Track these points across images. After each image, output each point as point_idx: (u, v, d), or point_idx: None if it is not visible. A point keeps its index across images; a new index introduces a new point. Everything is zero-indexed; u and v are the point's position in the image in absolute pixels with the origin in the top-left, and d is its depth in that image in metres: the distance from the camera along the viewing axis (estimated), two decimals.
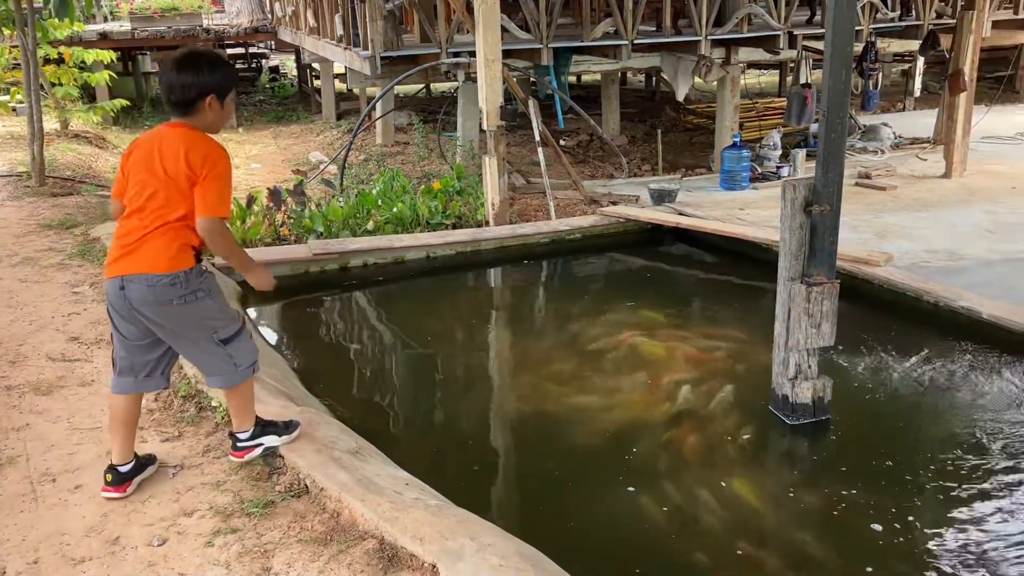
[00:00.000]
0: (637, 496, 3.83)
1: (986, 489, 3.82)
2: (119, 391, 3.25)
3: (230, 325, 3.25)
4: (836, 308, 4.26)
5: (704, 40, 9.78)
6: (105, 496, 3.24)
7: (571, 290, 7.03)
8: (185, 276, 3.06)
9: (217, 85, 3.10)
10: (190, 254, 3.10)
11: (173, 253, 3.04)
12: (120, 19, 19.31)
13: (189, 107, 3.08)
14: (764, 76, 18.74)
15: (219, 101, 3.12)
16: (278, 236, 7.49)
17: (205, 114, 3.11)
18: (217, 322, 3.21)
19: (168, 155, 3.02)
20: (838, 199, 4.15)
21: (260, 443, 3.45)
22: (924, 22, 11.08)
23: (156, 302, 3.04)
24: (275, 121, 15.70)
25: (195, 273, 3.11)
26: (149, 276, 3.02)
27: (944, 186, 9.16)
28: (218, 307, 3.22)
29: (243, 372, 3.30)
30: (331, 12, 11.14)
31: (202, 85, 3.07)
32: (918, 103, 14.40)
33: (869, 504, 3.73)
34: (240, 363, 3.27)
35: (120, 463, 3.26)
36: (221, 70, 3.15)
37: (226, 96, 3.16)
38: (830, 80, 4.05)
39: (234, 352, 3.25)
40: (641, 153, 11.81)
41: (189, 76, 3.06)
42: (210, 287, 3.18)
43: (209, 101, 3.09)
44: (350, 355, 5.70)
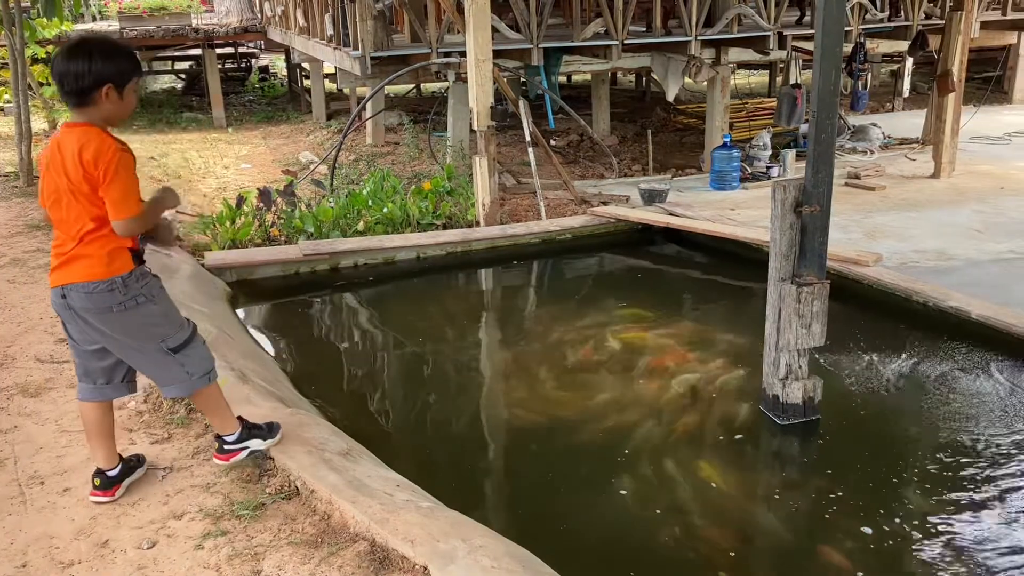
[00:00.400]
0: (628, 497, 3.84)
1: (975, 489, 3.84)
2: (81, 398, 3.20)
3: (178, 333, 3.13)
4: (826, 308, 4.27)
5: (694, 40, 9.80)
6: (93, 500, 3.21)
7: (561, 291, 7.03)
8: (123, 281, 2.96)
9: (114, 73, 2.89)
10: (126, 257, 2.99)
11: (106, 259, 2.94)
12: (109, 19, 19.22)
13: (83, 98, 2.87)
14: (754, 76, 18.77)
15: (117, 91, 2.90)
16: (268, 237, 7.46)
17: (102, 105, 2.90)
18: (162, 329, 3.09)
19: (67, 160, 2.86)
20: (828, 199, 4.16)
21: (246, 446, 3.41)
22: (913, 23, 11.13)
23: (96, 310, 2.96)
24: (265, 121, 15.64)
25: (134, 277, 3.00)
26: (86, 284, 2.93)
27: (933, 186, 9.20)
28: (162, 313, 3.10)
29: (198, 381, 3.18)
30: (321, 12, 11.11)
31: (96, 74, 2.85)
32: (907, 103, 14.45)
33: (859, 505, 3.74)
34: (193, 372, 3.16)
35: (107, 468, 3.23)
36: (118, 57, 2.92)
37: (126, 85, 2.93)
38: (820, 81, 4.06)
39: (185, 361, 3.13)
40: (631, 153, 11.82)
41: (82, 64, 2.84)
42: (152, 292, 3.06)
43: (106, 91, 2.87)
44: (340, 356, 5.69)
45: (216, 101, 15.32)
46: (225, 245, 7.15)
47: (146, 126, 14.86)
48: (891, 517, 3.64)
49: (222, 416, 3.35)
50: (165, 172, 10.72)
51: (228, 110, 15.77)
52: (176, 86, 19.94)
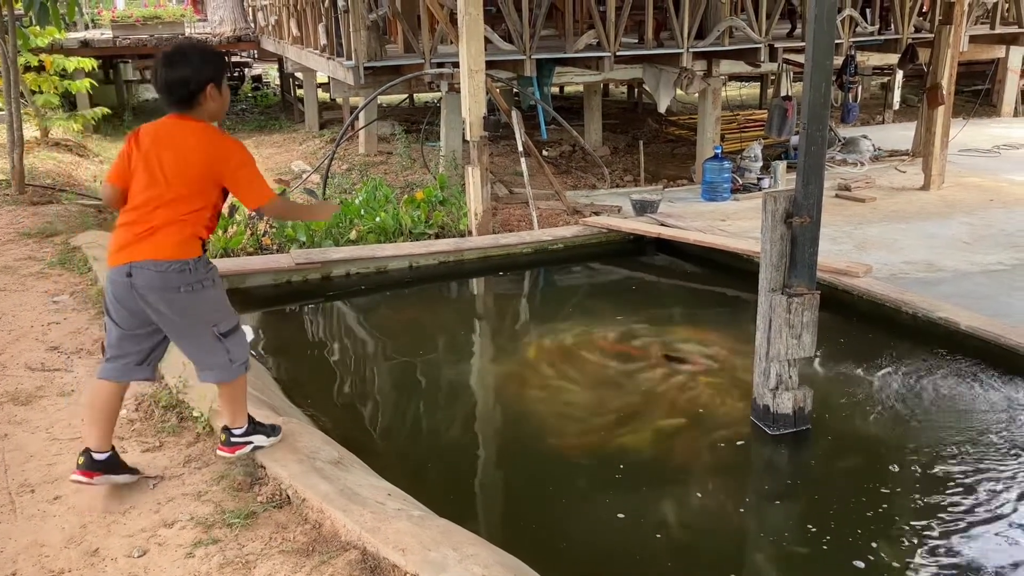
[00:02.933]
0: (618, 507, 3.84)
1: (967, 501, 3.85)
2: (105, 376, 3.25)
3: (230, 319, 3.29)
4: (816, 319, 4.29)
5: (686, 52, 9.86)
6: (73, 479, 3.20)
7: (553, 300, 7.05)
8: (194, 264, 3.11)
9: (213, 72, 3.12)
10: (198, 244, 3.15)
11: (183, 241, 3.09)
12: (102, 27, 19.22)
13: (192, 101, 3.10)
14: (745, 88, 18.88)
15: (218, 88, 3.14)
16: (260, 245, 7.46)
17: (208, 104, 3.14)
18: (219, 314, 3.24)
19: (181, 152, 3.07)
20: (818, 211, 4.19)
21: (251, 441, 3.48)
22: (903, 36, 11.22)
23: (163, 288, 3.06)
24: (257, 130, 15.65)
25: (203, 262, 3.16)
26: (159, 262, 3.05)
27: (923, 198, 9.26)
28: (220, 299, 3.26)
29: (237, 368, 3.32)
30: (314, 22, 11.14)
31: (200, 76, 3.08)
32: (897, 116, 14.56)
33: (849, 516, 3.75)
34: (235, 359, 3.30)
35: (97, 449, 3.23)
36: (214, 58, 3.18)
37: (223, 81, 3.18)
38: (810, 93, 4.09)
39: (231, 347, 3.27)
40: (623, 164, 11.87)
41: (185, 70, 3.07)
42: (215, 278, 3.22)
43: (209, 91, 3.11)
44: (332, 365, 5.69)
45: None
46: (217, 254, 7.15)
47: None
48: (881, 528, 3.65)
49: (239, 408, 3.44)
50: None
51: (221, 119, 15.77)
52: None
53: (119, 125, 15.28)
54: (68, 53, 13.02)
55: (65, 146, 11.63)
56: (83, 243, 6.65)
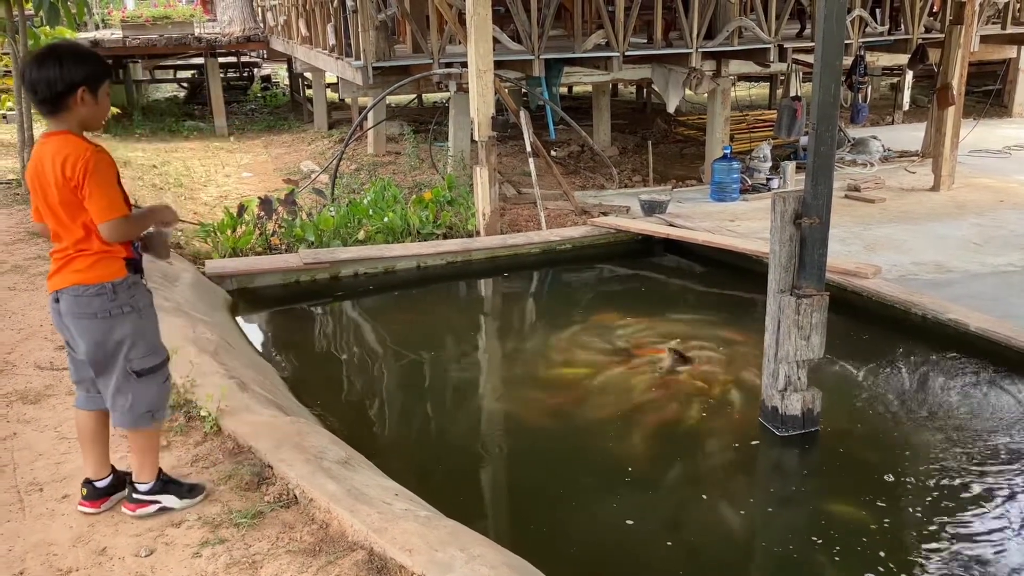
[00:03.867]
0: (626, 507, 3.83)
1: (975, 502, 3.83)
2: (77, 404, 3.19)
3: (150, 357, 3.03)
4: (825, 320, 4.28)
5: (695, 52, 9.83)
6: (80, 510, 3.19)
7: (561, 300, 7.04)
8: (113, 287, 2.91)
9: (86, 76, 2.84)
10: (118, 264, 2.93)
11: (97, 265, 2.90)
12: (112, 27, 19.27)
13: (58, 104, 2.83)
14: (754, 88, 18.82)
15: (91, 93, 2.86)
16: (269, 245, 7.48)
17: (77, 110, 2.85)
18: (136, 349, 2.98)
19: (49, 171, 2.84)
20: (828, 212, 4.17)
21: (158, 501, 3.18)
22: (913, 36, 11.17)
23: (80, 314, 2.91)
24: (266, 130, 15.68)
25: (125, 285, 2.94)
26: (75, 287, 2.90)
27: (932, 199, 9.21)
28: (141, 330, 3.00)
29: (141, 418, 3.04)
30: (323, 22, 11.16)
31: (69, 78, 2.80)
32: (906, 116, 14.49)
33: (858, 517, 3.73)
34: (137, 406, 3.02)
35: (95, 478, 3.20)
36: (88, 60, 2.89)
37: (99, 87, 2.89)
38: (820, 93, 4.07)
39: (138, 390, 3.01)
40: (632, 164, 11.84)
41: (53, 70, 2.79)
42: (140, 306, 2.99)
43: (80, 95, 2.83)
44: (340, 365, 5.69)
45: (218, 110, 15.38)
46: (226, 253, 7.17)
47: (148, 134, 14.90)
48: (889, 532, 3.64)
49: (145, 461, 3.15)
50: (167, 180, 10.75)
51: (230, 119, 15.81)
52: (178, 95, 20.00)
53: (128, 125, 15.33)
54: None
55: None
56: None
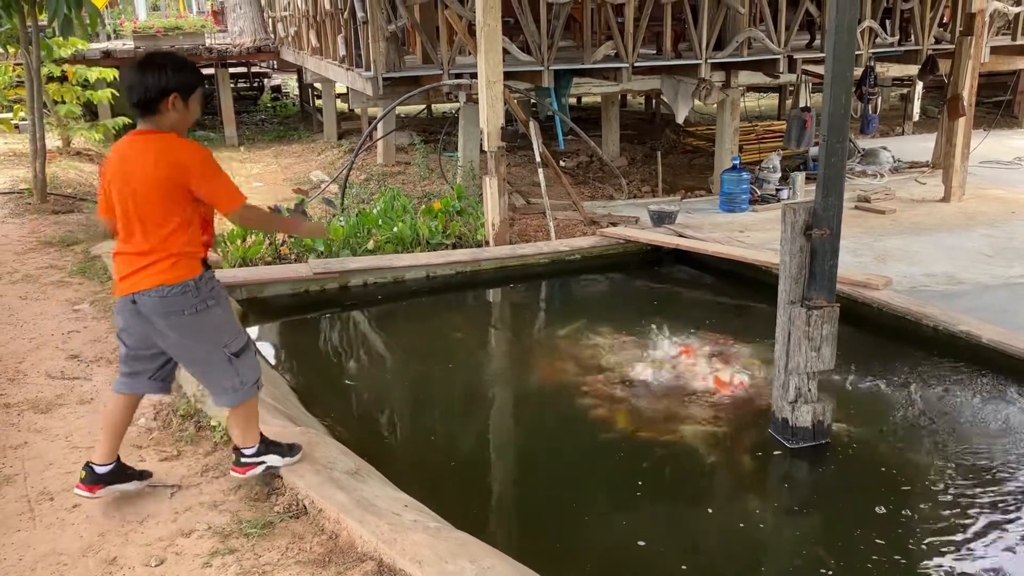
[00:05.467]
0: (638, 520, 3.82)
1: (987, 517, 3.80)
2: (119, 390, 3.30)
3: (239, 338, 3.26)
4: (836, 332, 4.26)
5: (704, 63, 9.84)
6: (75, 492, 3.25)
7: (571, 311, 7.03)
8: (195, 284, 3.08)
9: (180, 83, 3.04)
10: (196, 262, 3.11)
11: (178, 263, 3.05)
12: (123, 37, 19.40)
13: (152, 107, 3.02)
14: (764, 99, 18.83)
15: (183, 100, 3.06)
16: (278, 255, 7.50)
17: (169, 114, 3.04)
18: (227, 334, 3.21)
19: (143, 166, 2.99)
20: (838, 223, 4.16)
21: (263, 461, 3.41)
22: (923, 47, 11.16)
23: (168, 313, 3.06)
24: (277, 140, 15.75)
25: (204, 280, 3.12)
26: (160, 288, 3.04)
27: (943, 210, 9.18)
28: (228, 318, 3.24)
29: (249, 390, 3.28)
30: (334, 33, 11.21)
31: (164, 84, 3.01)
32: (917, 127, 14.47)
33: (868, 532, 3.71)
34: (246, 380, 3.26)
35: (100, 462, 3.27)
36: (184, 69, 3.09)
37: (190, 95, 3.09)
38: (830, 104, 4.07)
39: (242, 368, 3.24)
40: (641, 175, 11.85)
41: (151, 76, 3.00)
42: (219, 297, 3.19)
43: (172, 100, 3.03)
44: (349, 375, 5.69)
45: (228, 120, 15.46)
46: (236, 263, 7.19)
47: None
48: (900, 547, 3.61)
49: (250, 429, 3.37)
50: None
51: (240, 129, 15.89)
52: None
53: None
54: (90, 63, 13.15)
55: (86, 155, 11.74)
56: (103, 252, 6.70)
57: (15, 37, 8.65)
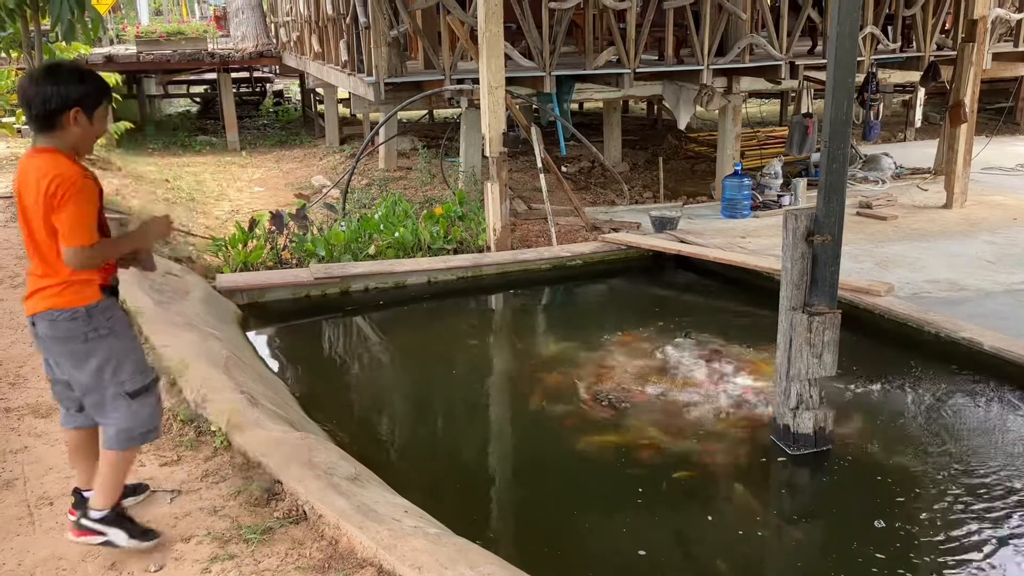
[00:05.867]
0: (637, 526, 3.81)
1: (987, 526, 3.79)
2: (62, 423, 3.17)
3: (138, 377, 2.96)
4: (838, 338, 4.25)
5: (706, 69, 9.84)
6: (69, 519, 3.16)
7: (572, 316, 7.03)
8: (87, 311, 2.84)
9: (82, 96, 2.78)
10: (91, 289, 2.86)
11: (70, 290, 2.84)
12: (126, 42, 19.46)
13: (51, 122, 2.77)
14: (765, 105, 18.83)
15: (86, 115, 2.80)
16: (280, 260, 7.50)
17: (70, 130, 2.79)
18: (124, 370, 2.92)
19: (31, 187, 2.76)
20: (840, 229, 4.16)
21: (105, 534, 3.00)
22: (925, 54, 11.16)
23: (58, 338, 2.87)
24: (278, 145, 15.75)
25: (100, 309, 2.87)
26: (51, 312, 2.85)
27: (945, 216, 9.18)
28: (127, 352, 2.95)
29: (136, 438, 2.98)
30: (336, 38, 11.22)
31: (64, 96, 2.75)
32: (919, 133, 14.47)
33: (869, 538, 3.70)
34: (136, 426, 2.96)
35: (85, 488, 3.18)
36: (87, 81, 2.82)
37: (95, 109, 2.84)
38: (832, 110, 4.07)
39: (137, 409, 2.95)
40: (642, 180, 11.84)
41: (50, 88, 2.74)
42: (117, 328, 2.93)
43: (74, 115, 2.77)
44: (350, 380, 5.69)
45: (230, 125, 15.46)
46: (237, 267, 7.19)
47: (161, 148, 14.99)
48: (901, 554, 3.60)
49: (112, 485, 3.02)
50: (179, 194, 10.80)
51: (242, 134, 15.89)
52: (191, 109, 20.13)
53: (141, 139, 15.42)
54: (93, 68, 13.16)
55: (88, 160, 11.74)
56: None
57: (18, 42, 8.67)
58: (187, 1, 32.04)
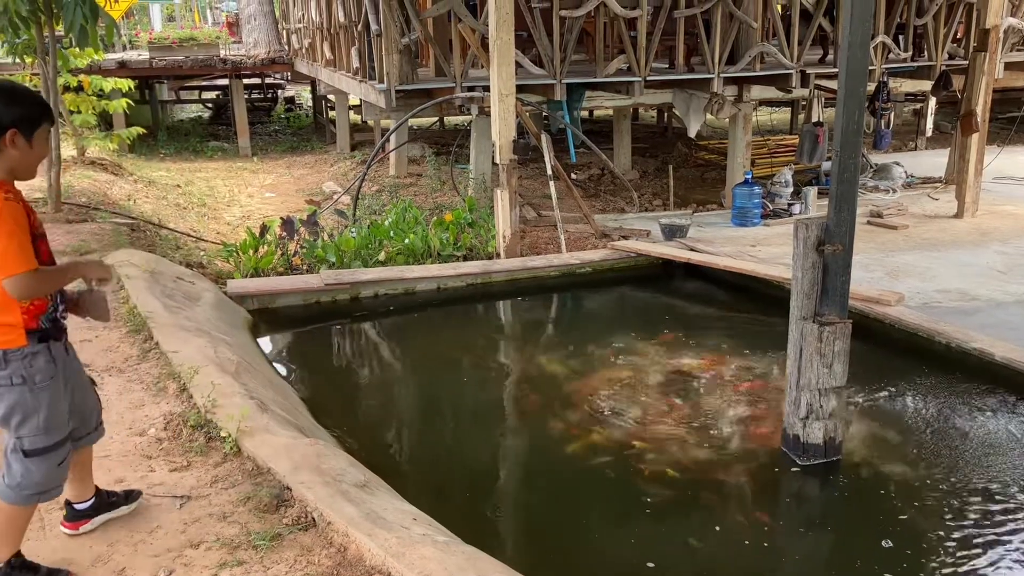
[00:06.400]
0: (645, 535, 3.80)
1: (997, 538, 3.77)
2: None
3: (43, 436, 2.77)
4: (848, 348, 4.24)
5: (717, 78, 9.85)
6: (61, 530, 3.17)
7: (581, 324, 7.02)
8: (4, 356, 2.67)
9: (18, 118, 2.63)
10: (16, 333, 2.68)
11: None
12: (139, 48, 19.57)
13: None
14: (776, 113, 18.82)
15: (24, 137, 2.65)
16: (290, 266, 7.52)
17: (6, 153, 2.63)
18: (26, 426, 2.74)
19: None
20: (850, 238, 4.15)
21: None
22: (937, 63, 11.14)
23: None
24: (290, 151, 15.82)
25: (20, 354, 2.69)
26: None
27: (956, 226, 9.15)
28: (32, 406, 2.73)
29: (25, 497, 2.80)
30: (347, 45, 11.27)
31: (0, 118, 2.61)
32: (930, 143, 14.43)
33: (874, 557, 3.68)
34: (28, 485, 2.78)
35: (75, 500, 3.17)
36: (26, 102, 2.69)
37: (34, 131, 2.68)
38: (843, 120, 4.06)
39: (31, 468, 2.77)
40: (652, 188, 11.85)
41: None
42: (35, 379, 2.72)
43: (11, 136, 2.62)
44: (359, 386, 5.70)
45: (242, 131, 15.55)
46: (248, 273, 7.21)
47: (172, 154, 15.07)
48: (909, 567, 3.58)
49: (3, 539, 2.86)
50: (190, 200, 10.85)
51: (254, 140, 15.97)
52: (203, 115, 20.22)
53: (153, 144, 15.51)
54: (106, 74, 13.25)
55: (101, 165, 11.80)
56: (116, 261, 6.72)
57: (32, 47, 8.71)
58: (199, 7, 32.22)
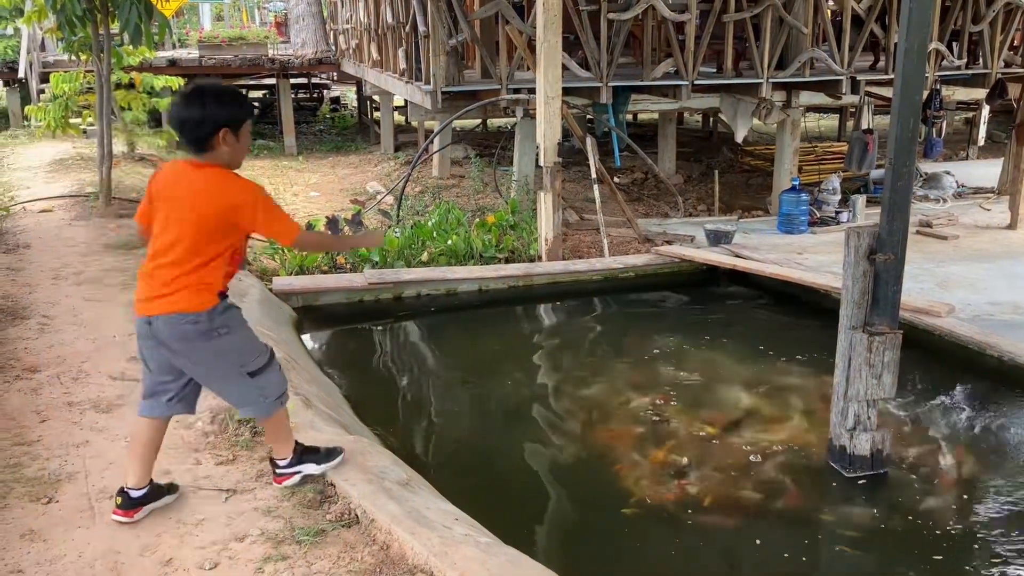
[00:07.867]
0: (688, 544, 3.77)
1: None
2: (144, 413, 3.28)
3: (258, 358, 3.24)
4: (898, 359, 4.17)
5: (765, 83, 9.75)
6: (113, 519, 3.23)
7: (625, 329, 6.98)
8: (208, 316, 3.06)
9: (229, 117, 3.02)
10: (212, 294, 3.09)
11: (196, 294, 3.05)
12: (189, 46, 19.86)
13: (203, 144, 3.01)
14: (824, 120, 18.58)
15: (233, 134, 3.04)
16: (334, 264, 7.58)
17: (221, 149, 3.03)
18: (243, 356, 3.21)
19: (194, 200, 3.02)
20: (903, 248, 4.08)
21: (298, 471, 3.48)
22: (992, 70, 10.92)
23: (182, 338, 3.07)
24: (334, 151, 15.94)
25: (218, 311, 3.09)
26: (173, 315, 3.04)
27: (1008, 237, 8.95)
28: (242, 341, 3.22)
29: (271, 404, 3.30)
30: (395, 46, 11.34)
31: (214, 119, 2.99)
32: (981, 152, 14.15)
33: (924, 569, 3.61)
34: (268, 394, 3.27)
35: (134, 487, 3.25)
36: (231, 102, 3.07)
37: (240, 128, 3.07)
38: (897, 127, 4.00)
39: (263, 384, 3.25)
40: (697, 193, 11.75)
41: (198, 110, 2.99)
42: (232, 324, 3.16)
43: (223, 135, 3.00)
44: (401, 385, 5.72)
45: (288, 130, 15.69)
46: (292, 271, 7.28)
47: None
48: None
49: (282, 440, 3.43)
50: None
51: (299, 139, 16.11)
52: None
53: None
54: (156, 72, 13.43)
55: (150, 161, 11.99)
56: None
57: (88, 45, 8.88)
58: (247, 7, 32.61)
